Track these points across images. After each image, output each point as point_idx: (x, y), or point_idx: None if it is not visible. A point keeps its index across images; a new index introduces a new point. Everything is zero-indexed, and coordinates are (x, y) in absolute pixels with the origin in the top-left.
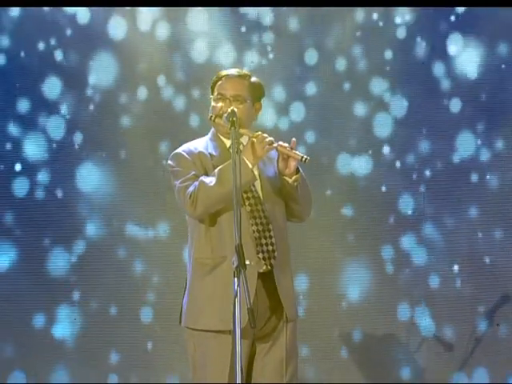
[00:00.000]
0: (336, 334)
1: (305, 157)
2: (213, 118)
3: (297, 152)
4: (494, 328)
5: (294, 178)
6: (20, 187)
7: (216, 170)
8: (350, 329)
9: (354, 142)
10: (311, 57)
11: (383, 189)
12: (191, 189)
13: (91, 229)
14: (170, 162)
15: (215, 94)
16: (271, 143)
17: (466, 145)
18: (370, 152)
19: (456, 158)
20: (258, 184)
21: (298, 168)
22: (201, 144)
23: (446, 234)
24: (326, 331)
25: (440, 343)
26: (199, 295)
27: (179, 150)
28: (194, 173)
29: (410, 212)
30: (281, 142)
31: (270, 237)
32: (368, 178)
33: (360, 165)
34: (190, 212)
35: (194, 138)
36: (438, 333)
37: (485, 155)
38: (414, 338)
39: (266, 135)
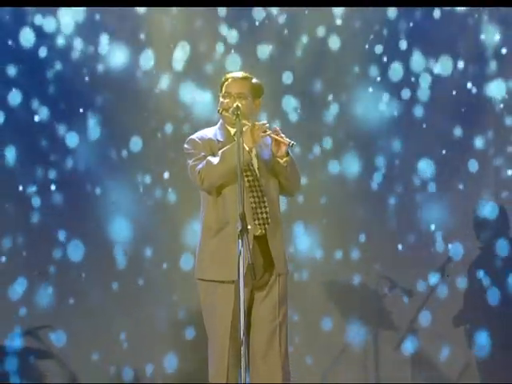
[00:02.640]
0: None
1: (292, 142)
2: (220, 111)
3: (286, 138)
4: (444, 278)
5: (284, 159)
6: None
7: (219, 152)
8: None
9: None
10: None
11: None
12: (200, 166)
13: None
14: (185, 145)
15: (223, 91)
16: (265, 131)
17: None
18: None
19: None
20: (255, 164)
21: (288, 151)
22: (210, 132)
23: None
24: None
25: (403, 291)
26: (207, 252)
27: (193, 136)
28: (203, 154)
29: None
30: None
31: (265, 207)
32: None
33: None
34: (198, 185)
35: None
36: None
37: None
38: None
39: (262, 124)
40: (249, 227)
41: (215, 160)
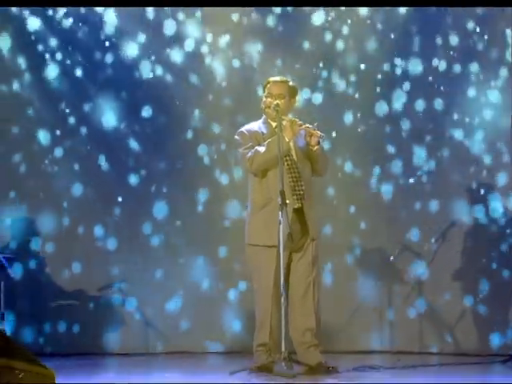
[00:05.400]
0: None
1: (322, 135)
2: (264, 109)
3: (318, 131)
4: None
5: (315, 147)
6: None
7: (265, 142)
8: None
9: None
10: None
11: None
12: (249, 154)
13: None
14: (236, 137)
15: (266, 92)
16: (301, 125)
17: None
18: None
19: None
20: (293, 151)
21: (319, 141)
22: (256, 125)
23: None
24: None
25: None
26: (255, 223)
27: (242, 129)
28: (251, 144)
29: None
30: (307, 124)
31: (301, 185)
32: None
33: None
34: (248, 168)
35: None
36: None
37: None
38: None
39: (297, 120)
40: (287, 202)
41: (262, 149)
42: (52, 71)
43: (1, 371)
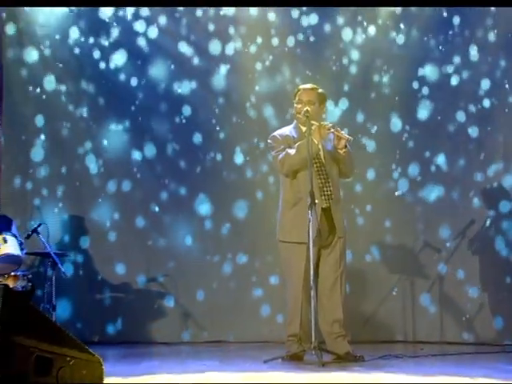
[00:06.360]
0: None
1: (350, 138)
2: (295, 114)
3: (345, 134)
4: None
5: (343, 150)
6: None
7: (295, 145)
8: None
9: None
10: None
11: None
12: (281, 156)
13: None
14: (269, 140)
15: (296, 99)
16: (329, 129)
17: None
18: None
19: None
20: (321, 154)
21: (346, 144)
22: (287, 129)
23: None
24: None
25: (431, 247)
26: (286, 221)
27: (275, 133)
28: (283, 147)
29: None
30: (336, 128)
31: (329, 186)
32: None
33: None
34: (280, 170)
35: None
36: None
37: None
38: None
39: (326, 123)
40: (316, 201)
41: (292, 151)
42: (98, 81)
43: (53, 358)
